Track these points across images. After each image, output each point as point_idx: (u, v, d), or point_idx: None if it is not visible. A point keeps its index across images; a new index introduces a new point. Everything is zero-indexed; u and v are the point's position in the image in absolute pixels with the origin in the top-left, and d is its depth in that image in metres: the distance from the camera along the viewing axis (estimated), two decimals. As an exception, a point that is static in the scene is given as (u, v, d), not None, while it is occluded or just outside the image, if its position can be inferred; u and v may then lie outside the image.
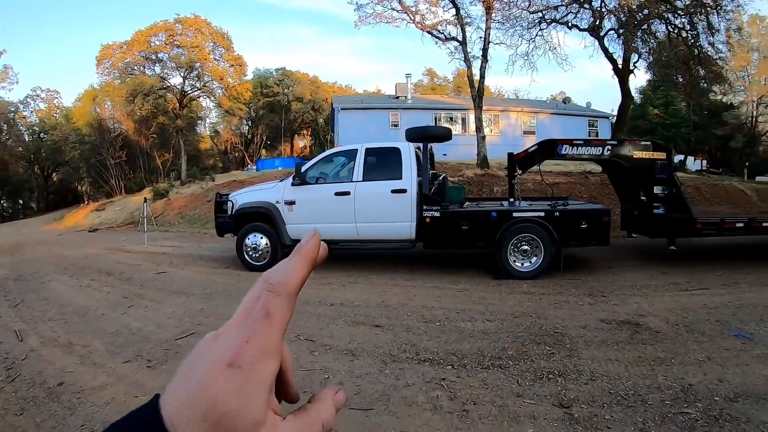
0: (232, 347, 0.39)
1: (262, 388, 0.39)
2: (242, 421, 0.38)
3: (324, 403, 0.45)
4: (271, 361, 0.40)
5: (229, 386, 0.38)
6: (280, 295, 0.41)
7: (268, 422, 0.39)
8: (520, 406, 3.63)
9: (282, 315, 0.41)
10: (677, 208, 8.83)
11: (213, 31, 32.83)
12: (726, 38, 19.42)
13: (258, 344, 0.39)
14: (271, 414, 0.40)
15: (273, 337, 0.40)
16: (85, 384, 4.21)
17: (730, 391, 3.77)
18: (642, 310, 6.20)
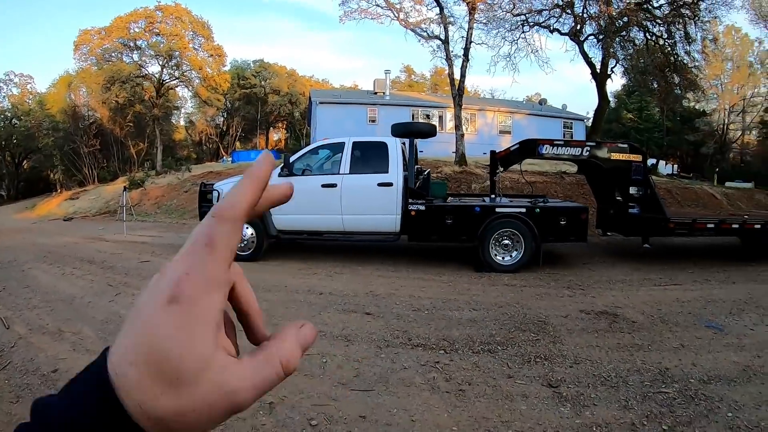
0: (172, 281, 0.37)
1: (207, 324, 0.37)
2: (186, 361, 0.36)
3: (285, 341, 0.42)
4: (215, 293, 0.38)
5: (169, 324, 0.36)
6: (223, 220, 0.38)
7: (218, 362, 0.37)
8: (512, 387, 3.89)
9: (227, 242, 0.38)
10: (651, 208, 9.21)
11: (193, 19, 32.60)
12: (702, 48, 20.10)
13: (199, 276, 0.37)
14: (222, 354, 0.38)
15: (217, 267, 0.38)
16: (79, 370, 4.14)
17: (704, 375, 4.11)
18: (618, 302, 6.53)
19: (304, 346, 0.42)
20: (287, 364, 0.40)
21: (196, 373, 0.36)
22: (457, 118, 19.29)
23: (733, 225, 9.31)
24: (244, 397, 0.37)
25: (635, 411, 3.49)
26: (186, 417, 0.36)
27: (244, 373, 0.38)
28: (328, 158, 9.62)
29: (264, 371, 0.39)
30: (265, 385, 0.39)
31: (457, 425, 3.27)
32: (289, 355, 0.40)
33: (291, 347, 0.41)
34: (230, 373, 0.37)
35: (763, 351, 4.70)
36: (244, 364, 0.39)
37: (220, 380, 0.36)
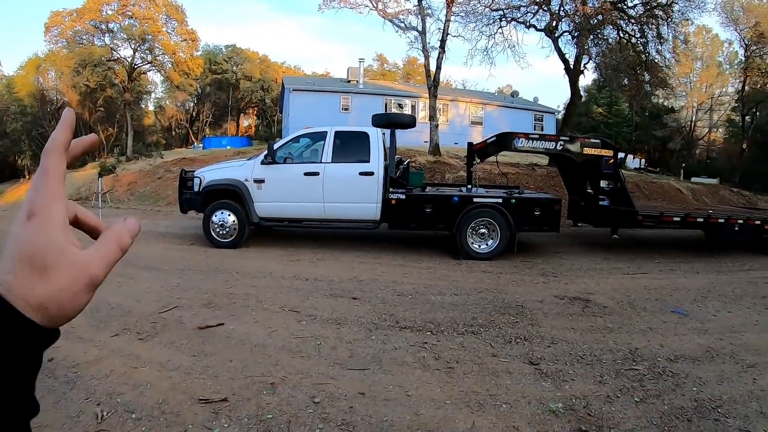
0: (27, 203, 0.48)
1: (58, 223, 0.48)
2: (48, 252, 0.46)
3: (114, 226, 0.54)
4: (58, 203, 0.48)
5: (32, 230, 0.47)
6: (48, 153, 0.49)
7: (71, 250, 0.48)
8: (496, 364, 4.20)
9: (56, 167, 0.49)
10: (621, 201, 9.67)
11: (167, 2, 32.08)
12: (673, 47, 20.72)
13: (44, 193, 0.48)
14: (72, 247, 0.49)
15: (54, 185, 0.48)
16: (77, 359, 4.12)
17: (670, 354, 4.51)
18: (590, 289, 6.95)
19: (131, 230, 0.54)
20: (120, 241, 0.52)
21: (57, 258, 0.46)
22: (432, 109, 19.53)
23: (698, 219, 9.83)
24: (95, 270, 0.49)
25: (609, 385, 3.85)
26: (60, 296, 0.46)
27: (90, 252, 0.50)
28: (310, 147, 9.76)
29: (104, 248, 0.51)
30: (108, 258, 0.51)
31: (450, 399, 3.56)
32: (119, 235, 0.53)
33: (119, 229, 0.53)
34: (81, 254, 0.48)
35: (725, 334, 5.15)
36: (89, 248, 0.50)
37: (75, 260, 0.48)
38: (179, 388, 3.63)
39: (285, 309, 5.62)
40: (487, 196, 9.21)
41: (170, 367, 3.97)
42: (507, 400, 3.55)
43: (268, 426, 3.15)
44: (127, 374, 3.86)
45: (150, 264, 7.87)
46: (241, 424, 3.16)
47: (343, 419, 3.25)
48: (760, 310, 6.20)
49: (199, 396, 3.50)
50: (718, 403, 3.61)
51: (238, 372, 3.91)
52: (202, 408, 3.34)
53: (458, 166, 17.16)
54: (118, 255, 0.52)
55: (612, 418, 3.34)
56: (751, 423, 3.35)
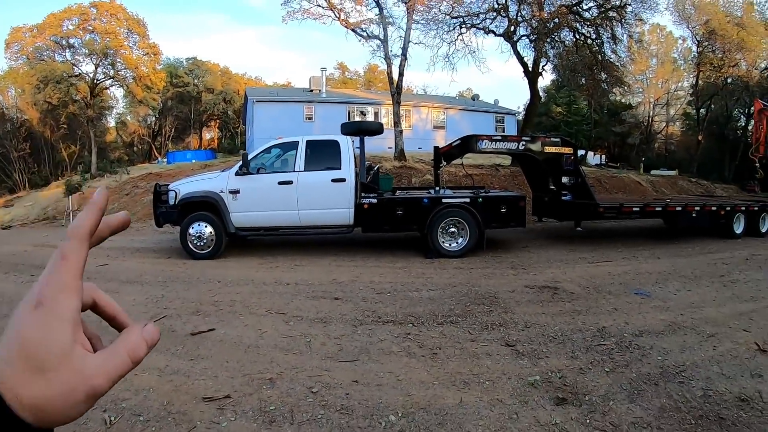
0: (37, 290, 0.45)
1: (65, 321, 0.44)
2: (48, 351, 0.43)
3: (130, 334, 0.50)
4: (71, 297, 0.45)
5: (35, 322, 0.44)
6: (73, 238, 0.47)
7: (76, 353, 0.45)
8: (476, 348, 4.54)
9: (76, 255, 0.46)
10: (582, 195, 10.16)
11: (128, 17, 31.69)
12: (628, 47, 21.52)
13: (57, 283, 0.45)
14: (80, 348, 0.45)
15: (70, 275, 0.45)
16: None
17: (636, 330, 4.96)
18: (557, 278, 7.39)
19: (149, 340, 0.50)
20: (133, 354, 0.48)
21: (58, 361, 0.43)
22: (396, 115, 19.89)
23: (657, 208, 10.42)
24: (99, 381, 0.45)
25: (581, 360, 4.24)
26: (55, 401, 0.43)
27: (97, 361, 0.46)
28: (282, 156, 9.98)
29: (114, 360, 0.47)
30: (116, 371, 0.47)
31: (437, 380, 3.87)
32: (134, 346, 0.49)
33: (135, 339, 0.49)
34: (86, 361, 0.45)
35: (686, 311, 5.68)
36: (97, 356, 0.47)
37: (78, 367, 0.44)
38: (182, 389, 3.78)
39: (271, 312, 5.83)
40: (455, 197, 9.59)
41: (169, 372, 4.11)
42: (489, 378, 3.89)
43: (273, 416, 3.36)
44: (128, 380, 3.85)
45: (131, 278, 7.94)
46: (246, 417, 3.35)
47: (341, 404, 3.51)
48: (718, 287, 6.81)
49: (203, 395, 3.67)
50: (681, 368, 4.03)
51: (236, 371, 4.09)
52: (207, 406, 3.52)
53: (424, 170, 17.54)
54: (127, 369, 0.48)
55: (586, 387, 3.71)
56: (713, 383, 3.78)
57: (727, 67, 31.47)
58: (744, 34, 29.51)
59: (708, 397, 3.56)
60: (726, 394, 3.59)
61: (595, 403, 3.46)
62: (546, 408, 3.41)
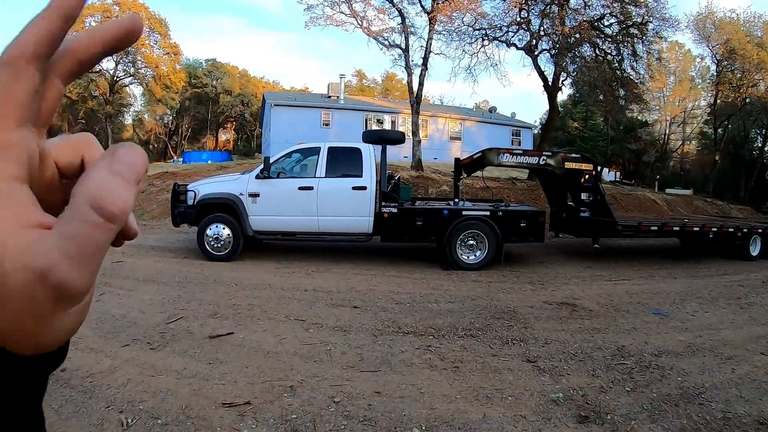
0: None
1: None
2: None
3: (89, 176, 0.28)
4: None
5: None
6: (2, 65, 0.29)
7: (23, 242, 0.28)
8: (497, 363, 4.55)
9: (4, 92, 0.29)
10: (601, 212, 10.13)
11: (150, 16, 32.26)
12: (647, 64, 21.48)
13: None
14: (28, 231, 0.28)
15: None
16: (91, 369, 4.15)
17: (655, 350, 4.95)
18: (575, 294, 7.38)
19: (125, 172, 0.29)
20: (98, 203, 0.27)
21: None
22: (415, 125, 19.96)
23: (674, 227, 10.38)
24: (61, 273, 0.27)
25: (602, 378, 4.25)
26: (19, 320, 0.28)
27: (49, 242, 0.28)
28: (303, 162, 10.04)
29: (70, 228, 0.28)
30: (80, 246, 0.27)
31: (460, 394, 3.89)
32: (96, 189, 0.28)
33: (98, 179, 0.28)
34: (36, 249, 0.28)
35: (704, 332, 5.67)
36: (50, 232, 0.28)
37: (25, 259, 0.27)
38: (201, 393, 3.78)
39: (290, 318, 5.86)
40: (475, 209, 9.60)
41: (188, 375, 4.11)
42: (512, 393, 3.90)
43: (294, 425, 3.36)
44: (146, 382, 3.94)
45: (147, 276, 7.97)
46: (267, 425, 3.35)
47: (364, 416, 3.52)
48: (735, 309, 6.80)
49: (222, 400, 3.66)
50: (701, 390, 4.03)
51: (255, 377, 4.10)
52: (226, 411, 3.51)
53: (441, 181, 17.57)
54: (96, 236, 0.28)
55: (607, 405, 3.71)
56: (732, 406, 3.77)
57: (746, 87, 31.32)
58: (764, 54, 29.38)
59: (728, 419, 3.56)
60: (745, 417, 3.59)
61: (617, 423, 3.47)
62: (569, 426, 3.42)
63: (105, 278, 7.98)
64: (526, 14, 20.69)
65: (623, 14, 20.19)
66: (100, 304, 6.38)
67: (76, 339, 5.21)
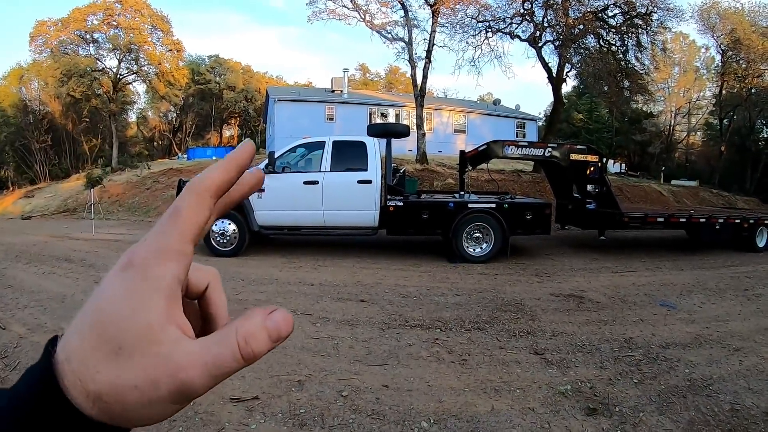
0: (131, 250, 0.36)
1: (158, 290, 0.34)
2: (128, 327, 0.33)
3: (247, 320, 0.36)
4: (171, 262, 0.35)
5: (119, 288, 0.34)
6: (191, 192, 0.36)
7: (166, 335, 0.34)
8: (505, 355, 4.55)
9: (191, 212, 0.36)
10: (607, 204, 10.10)
11: (152, 13, 32.24)
12: (652, 55, 21.38)
13: (156, 242, 0.35)
14: (173, 328, 0.34)
15: (177, 236, 0.35)
16: None
17: (662, 342, 4.94)
18: (582, 286, 7.37)
19: (273, 333, 0.36)
20: (245, 346, 0.34)
21: (140, 342, 0.33)
22: (419, 118, 19.98)
23: (681, 219, 10.35)
24: (191, 376, 0.33)
25: (610, 370, 4.24)
26: (127, 394, 0.32)
27: (193, 348, 0.34)
28: (308, 156, 10.05)
29: (216, 349, 0.34)
30: (218, 366, 0.34)
31: (468, 387, 3.88)
32: (249, 334, 0.35)
33: (253, 328, 0.35)
34: (178, 347, 0.34)
35: (711, 323, 5.64)
36: (196, 342, 0.35)
37: (166, 353, 0.33)
38: None
39: (297, 312, 5.87)
40: (481, 202, 9.59)
41: None
42: (520, 386, 3.89)
43: (303, 419, 3.37)
44: None
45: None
46: (276, 420, 3.36)
47: (372, 409, 3.53)
48: (743, 301, 6.77)
49: (230, 395, 3.67)
50: (709, 381, 4.02)
51: (263, 372, 4.10)
52: (235, 407, 3.52)
53: (446, 174, 17.59)
54: (234, 364, 0.34)
55: (616, 397, 3.71)
56: (740, 397, 3.76)
57: (752, 77, 31.19)
58: (769, 44, 29.20)
59: (736, 411, 3.55)
60: (753, 409, 3.58)
61: (626, 415, 3.46)
62: (577, 418, 3.42)
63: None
64: (529, 5, 20.61)
65: (627, 4, 20.10)
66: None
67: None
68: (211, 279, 0.45)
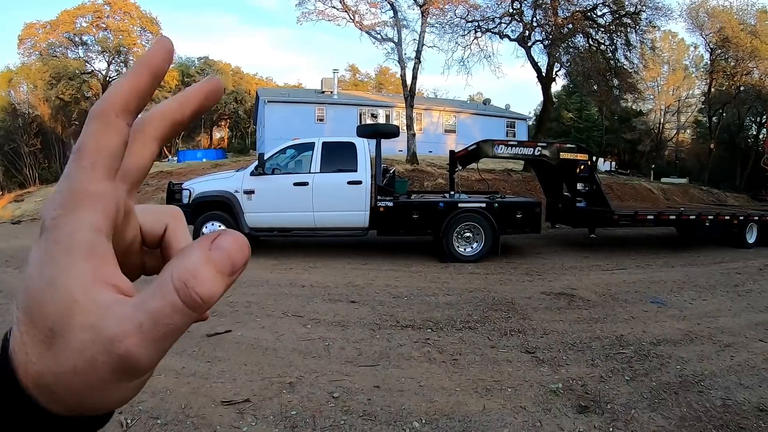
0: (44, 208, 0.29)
1: (72, 250, 0.27)
2: (49, 303, 0.27)
3: (184, 257, 0.27)
4: (82, 209, 0.28)
5: (35, 258, 0.28)
6: (91, 118, 0.29)
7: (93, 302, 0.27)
8: (496, 354, 4.55)
9: (95, 142, 0.28)
10: (597, 202, 10.14)
11: (141, 15, 32.19)
12: (641, 53, 21.49)
13: (64, 190, 0.28)
14: (101, 290, 0.27)
15: (84, 175, 0.28)
16: None
17: (653, 339, 4.96)
18: (573, 285, 7.39)
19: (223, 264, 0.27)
20: (185, 288, 0.26)
21: (65, 317, 0.26)
22: (409, 119, 19.98)
23: (671, 216, 10.40)
24: (129, 345, 0.26)
25: (601, 367, 4.25)
26: (71, 380, 0.27)
27: (125, 310, 0.27)
28: (298, 158, 10.00)
29: (151, 303, 0.26)
30: (156, 325, 0.26)
31: (459, 386, 3.88)
32: (189, 273, 0.26)
33: (194, 263, 0.27)
34: (109, 313, 0.27)
35: (702, 320, 5.67)
36: (129, 301, 0.27)
37: (95, 324, 0.26)
38: (200, 392, 3.75)
39: (288, 314, 5.85)
40: (471, 202, 9.61)
41: (186, 374, 4.08)
42: (511, 385, 3.89)
43: (294, 421, 3.35)
44: (148, 382, 3.92)
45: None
46: (267, 422, 3.33)
47: (364, 410, 3.51)
48: (733, 297, 6.82)
49: (221, 398, 3.64)
50: (700, 378, 4.04)
51: (254, 374, 4.08)
52: (226, 409, 3.49)
53: (436, 174, 17.57)
54: (178, 319, 0.26)
55: (607, 395, 3.72)
56: (731, 393, 3.78)
57: (740, 75, 31.41)
58: (757, 42, 29.47)
59: (728, 406, 3.57)
60: (745, 404, 3.60)
61: (617, 412, 3.47)
62: (569, 416, 3.42)
63: None
64: (518, 5, 20.66)
65: (616, 4, 20.19)
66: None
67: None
68: (169, 221, 0.38)
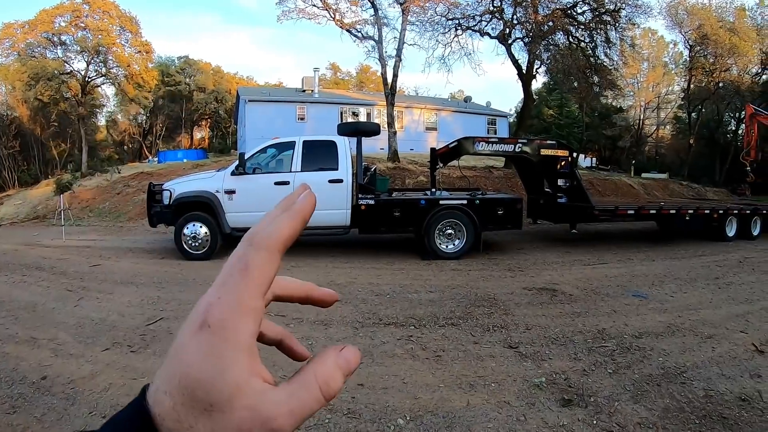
0: (203, 307, 0.36)
1: (238, 349, 0.35)
2: (217, 387, 0.34)
3: (323, 364, 0.39)
4: (247, 319, 0.36)
5: (199, 350, 0.35)
6: (260, 248, 0.37)
7: (252, 388, 0.35)
8: (479, 350, 4.55)
9: (261, 269, 0.37)
10: (578, 198, 10.21)
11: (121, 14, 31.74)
12: (620, 50, 21.66)
13: (231, 300, 0.36)
14: (257, 380, 0.36)
15: (250, 293, 0.36)
16: (72, 375, 4.09)
17: (635, 332, 5.00)
18: (555, 280, 7.44)
19: (345, 369, 0.39)
20: (326, 387, 0.37)
21: (229, 399, 0.34)
22: (390, 117, 19.97)
23: (651, 211, 10.51)
24: (280, 423, 0.35)
25: (584, 361, 4.27)
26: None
27: (279, 397, 0.36)
28: (278, 157, 9.94)
29: (300, 395, 0.37)
30: (303, 410, 0.36)
31: (443, 383, 3.87)
32: (327, 377, 0.38)
33: (329, 369, 0.38)
34: (265, 398, 0.35)
35: (683, 312, 5.74)
36: (280, 390, 0.37)
37: (255, 406, 0.35)
38: None
39: (271, 314, 5.72)
40: (452, 199, 9.62)
41: None
42: (495, 380, 3.89)
43: (278, 421, 3.32)
44: (128, 386, 3.85)
45: (125, 279, 7.80)
46: None
47: (348, 408, 3.49)
48: (714, 289, 6.90)
49: None
50: (682, 369, 4.08)
51: (238, 374, 4.04)
52: None
53: (417, 172, 17.59)
54: (317, 406, 0.37)
55: (590, 388, 3.73)
56: (713, 384, 3.82)
57: (719, 71, 31.79)
58: (736, 39, 29.84)
59: (710, 397, 3.61)
60: (727, 395, 3.64)
61: (601, 405, 3.49)
62: (552, 410, 3.43)
63: (82, 282, 7.74)
64: (499, 3, 20.68)
65: (596, 1, 20.28)
66: (79, 309, 6.24)
67: (56, 346, 5.10)
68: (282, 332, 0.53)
